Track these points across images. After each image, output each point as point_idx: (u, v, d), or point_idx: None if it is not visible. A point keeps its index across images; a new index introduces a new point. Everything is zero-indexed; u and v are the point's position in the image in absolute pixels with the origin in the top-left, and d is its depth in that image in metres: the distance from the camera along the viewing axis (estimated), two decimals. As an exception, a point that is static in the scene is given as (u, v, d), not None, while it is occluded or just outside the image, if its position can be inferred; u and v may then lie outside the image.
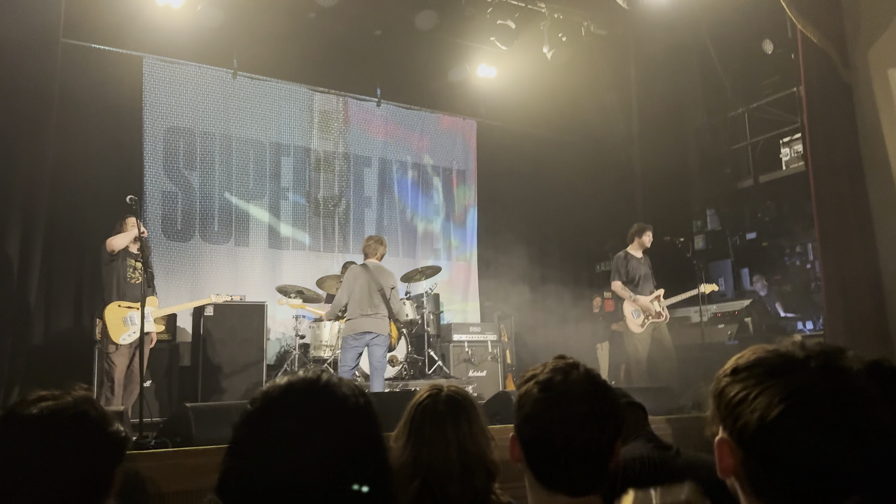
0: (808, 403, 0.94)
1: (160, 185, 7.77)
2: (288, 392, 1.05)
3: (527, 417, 1.35)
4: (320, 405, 1.03)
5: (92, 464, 1.27)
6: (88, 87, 7.28)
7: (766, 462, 0.97)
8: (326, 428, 1.01)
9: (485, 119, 9.96)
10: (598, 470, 1.31)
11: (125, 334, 5.55)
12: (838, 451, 0.92)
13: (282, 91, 8.64)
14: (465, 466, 1.67)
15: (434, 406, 1.76)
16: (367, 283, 6.22)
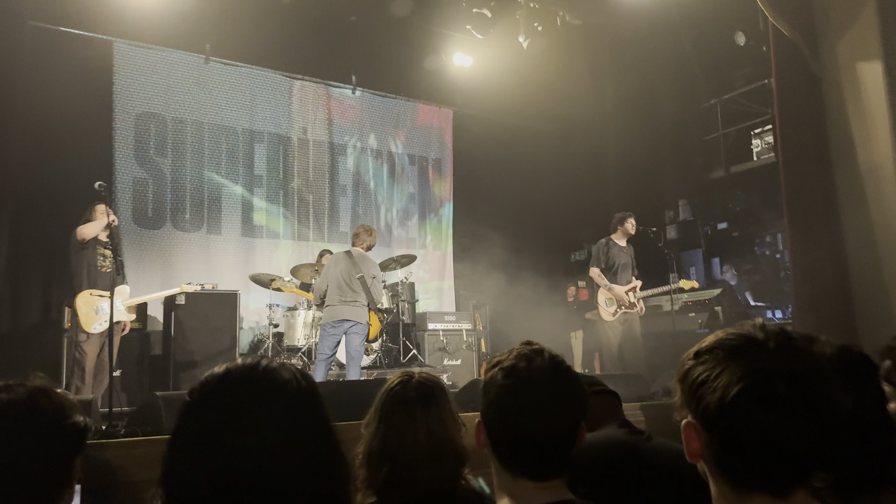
0: (765, 382, 0.97)
1: (131, 172, 7.66)
2: (225, 379, 1.04)
3: (491, 403, 1.36)
4: (259, 391, 1.01)
5: (48, 456, 1.24)
6: (57, 72, 7.14)
7: (728, 442, 0.99)
8: (266, 414, 0.99)
9: (461, 108, 9.95)
10: (562, 455, 1.32)
11: (96, 323, 5.47)
12: (795, 429, 0.95)
13: (255, 77, 8.55)
14: (435, 452, 1.68)
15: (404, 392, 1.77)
16: (348, 270, 6.17)
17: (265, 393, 1.02)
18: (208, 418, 1.00)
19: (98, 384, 5.49)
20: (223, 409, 1.00)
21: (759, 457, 0.97)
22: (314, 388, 1.07)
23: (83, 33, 7.35)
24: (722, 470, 1.01)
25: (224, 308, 6.97)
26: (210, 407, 1.01)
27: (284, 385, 1.04)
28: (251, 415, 0.99)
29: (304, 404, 1.04)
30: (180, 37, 7.87)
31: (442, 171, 9.92)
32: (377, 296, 6.31)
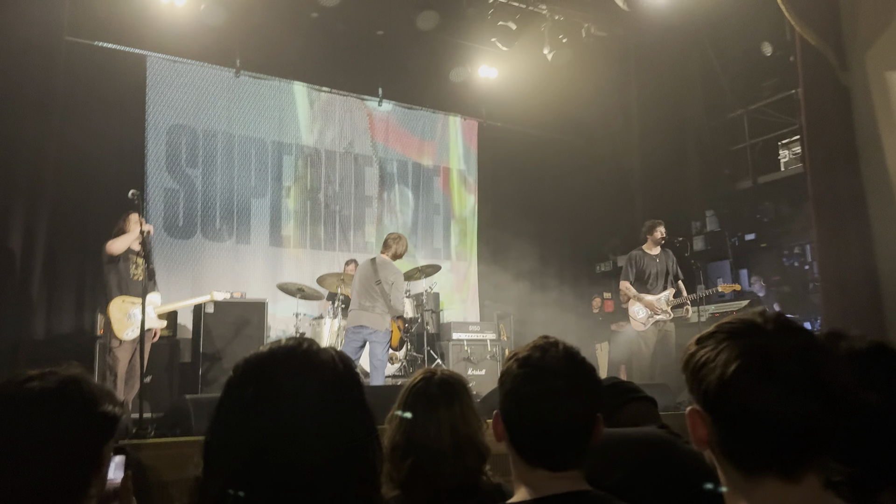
0: (763, 358, 0.97)
1: (162, 183, 7.82)
2: (267, 357, 1.07)
3: (507, 393, 1.38)
4: (298, 369, 1.04)
5: (78, 443, 1.24)
6: (92, 85, 7.34)
7: (731, 423, 0.99)
8: (303, 391, 1.01)
9: (486, 120, 10.00)
10: (578, 445, 1.33)
11: (128, 329, 5.58)
12: (795, 404, 0.95)
13: (284, 90, 8.70)
14: (457, 447, 1.71)
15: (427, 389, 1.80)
16: (368, 277, 6.25)
17: (303, 371, 1.04)
18: (247, 392, 1.03)
19: (129, 390, 5.59)
20: (262, 384, 1.02)
21: (762, 436, 0.96)
22: (353, 372, 1.09)
23: (117, 48, 7.55)
24: (728, 455, 1.01)
25: (252, 316, 7.07)
26: (250, 381, 1.05)
27: (322, 365, 1.06)
28: (288, 391, 1.01)
29: (342, 385, 1.06)
30: (211, 51, 8.05)
31: (467, 182, 9.97)
32: (395, 302, 6.26)
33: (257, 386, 1.03)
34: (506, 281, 9.63)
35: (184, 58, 7.98)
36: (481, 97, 9.78)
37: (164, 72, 7.91)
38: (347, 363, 1.09)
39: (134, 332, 5.56)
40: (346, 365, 1.09)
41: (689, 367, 1.05)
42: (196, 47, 7.91)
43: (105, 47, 7.46)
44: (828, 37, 6.17)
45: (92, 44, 7.34)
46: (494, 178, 10.02)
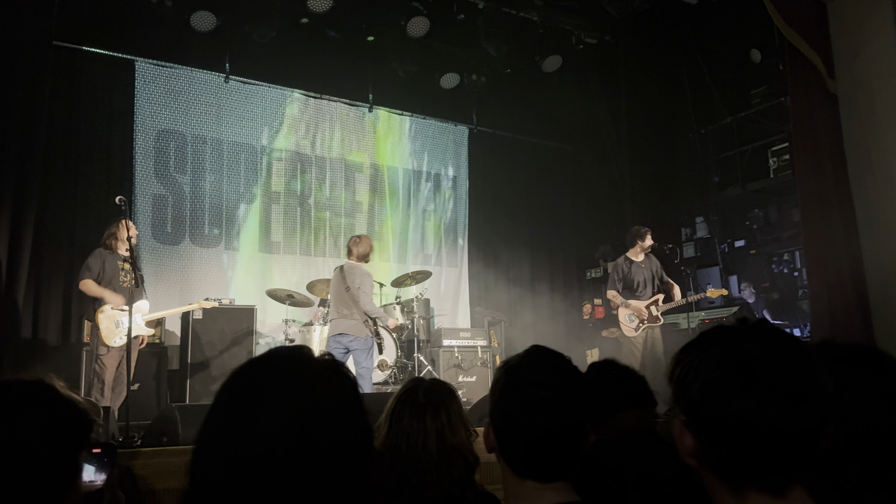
0: (743, 366, 0.95)
1: (151, 188, 7.77)
2: (261, 365, 1.05)
3: (496, 403, 1.37)
4: (293, 376, 1.02)
5: (51, 452, 1.19)
6: (80, 90, 7.31)
7: (714, 434, 0.97)
8: (299, 399, 0.99)
9: (476, 126, 10.01)
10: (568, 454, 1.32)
11: (116, 337, 5.55)
12: (778, 415, 0.92)
13: (274, 95, 8.67)
14: (444, 456, 1.69)
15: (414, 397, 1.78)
16: (338, 284, 6.28)
17: (297, 377, 1.02)
18: (238, 399, 1.01)
19: (116, 397, 5.55)
20: (253, 391, 1.01)
21: (745, 447, 0.94)
22: (349, 377, 1.07)
23: (106, 52, 7.51)
24: (713, 467, 0.99)
25: (241, 323, 7.03)
26: (241, 388, 1.03)
27: (317, 372, 1.03)
28: (280, 398, 0.99)
29: (337, 392, 1.04)
30: (200, 56, 8.03)
31: (458, 188, 9.97)
32: (364, 305, 6.15)
33: (248, 394, 1.00)
34: (497, 287, 9.62)
35: (173, 63, 7.94)
36: (472, 103, 9.79)
37: (153, 77, 7.87)
38: (342, 368, 1.07)
39: (122, 339, 5.52)
40: (341, 370, 1.07)
41: (674, 378, 1.04)
42: (185, 53, 7.89)
43: (93, 52, 7.42)
44: (816, 45, 6.22)
45: (80, 48, 7.30)
46: (485, 185, 10.03)
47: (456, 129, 9.99)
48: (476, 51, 8.68)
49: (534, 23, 8.50)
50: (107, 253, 5.72)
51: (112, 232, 5.77)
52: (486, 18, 8.24)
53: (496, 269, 9.64)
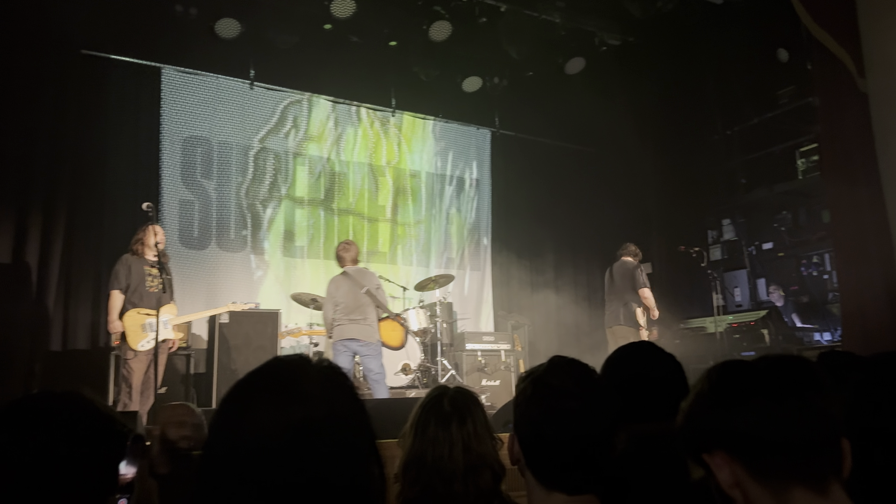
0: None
1: (177, 194, 7.86)
2: (253, 375, 1.05)
3: (521, 414, 1.36)
4: (281, 384, 1.01)
5: (95, 463, 1.23)
6: (107, 98, 7.42)
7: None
8: (289, 405, 0.97)
9: (498, 129, 9.99)
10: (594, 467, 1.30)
11: (143, 341, 5.60)
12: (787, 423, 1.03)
13: (298, 101, 8.73)
14: (470, 466, 1.67)
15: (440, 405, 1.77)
16: (351, 289, 6.20)
17: (283, 383, 1.01)
18: (229, 409, 1.01)
19: (145, 401, 5.61)
20: (240, 400, 1.01)
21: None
22: (341, 380, 1.05)
23: (132, 60, 7.62)
24: (753, 471, 1.05)
25: (266, 327, 7.07)
26: (232, 397, 1.03)
27: (306, 375, 1.02)
28: (265, 404, 0.98)
29: (329, 397, 1.01)
30: (225, 63, 8.11)
31: (480, 191, 9.95)
32: (386, 303, 6.29)
33: (240, 408, 1.00)
34: (520, 290, 9.59)
35: (198, 70, 8.03)
36: (494, 106, 9.78)
37: (179, 84, 7.97)
38: (341, 377, 1.05)
39: (149, 344, 5.58)
40: (339, 379, 1.04)
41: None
42: (210, 60, 7.97)
43: (120, 60, 7.53)
44: (845, 42, 6.11)
45: (107, 57, 7.41)
46: (508, 188, 10.00)
47: (478, 132, 9.98)
48: (498, 54, 8.66)
49: (556, 25, 8.45)
50: (133, 259, 5.79)
51: (139, 237, 5.85)
52: (507, 21, 8.22)
53: (519, 272, 9.60)
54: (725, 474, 1.05)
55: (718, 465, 1.05)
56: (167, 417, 3.33)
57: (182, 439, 3.27)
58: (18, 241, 6.53)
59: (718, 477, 1.05)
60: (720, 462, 1.05)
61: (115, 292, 5.67)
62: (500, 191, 10.01)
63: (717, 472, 1.05)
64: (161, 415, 3.38)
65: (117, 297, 5.66)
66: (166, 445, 3.22)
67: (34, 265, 6.58)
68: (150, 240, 5.66)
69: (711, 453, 1.06)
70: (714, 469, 1.06)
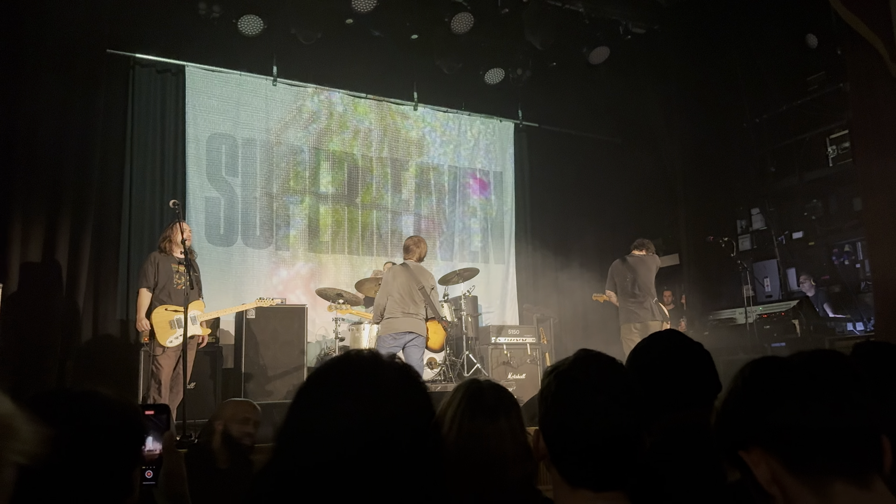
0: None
1: (203, 191, 7.93)
2: (340, 359, 1.08)
3: (547, 410, 1.34)
4: (367, 372, 1.04)
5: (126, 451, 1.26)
6: (133, 96, 7.51)
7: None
8: (371, 392, 1.01)
9: (522, 121, 9.93)
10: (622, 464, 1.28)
11: (172, 337, 5.66)
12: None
13: (320, 97, 8.76)
14: (517, 457, 1.67)
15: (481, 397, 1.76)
16: (408, 282, 6.17)
17: (372, 374, 1.04)
18: (310, 401, 1.04)
19: (174, 396, 5.67)
20: (323, 392, 1.04)
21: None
22: (415, 376, 1.08)
23: (157, 59, 7.70)
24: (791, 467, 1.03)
25: (292, 322, 7.12)
26: (313, 389, 1.06)
27: (385, 370, 1.05)
28: (357, 391, 1.01)
29: (407, 392, 1.06)
30: (248, 60, 8.16)
31: (504, 183, 9.91)
32: (438, 306, 6.34)
33: (323, 401, 1.03)
34: (545, 283, 9.53)
35: (222, 67, 8.09)
36: (517, 98, 9.72)
37: (203, 81, 8.03)
38: (414, 373, 1.09)
39: (177, 340, 5.64)
40: (412, 374, 1.08)
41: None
42: (234, 57, 8.03)
43: (145, 59, 7.61)
44: (877, 27, 5.96)
45: (133, 55, 7.49)
46: (532, 180, 9.95)
47: (501, 124, 9.93)
48: (521, 45, 8.60)
49: (579, 14, 8.36)
50: (161, 256, 5.85)
51: (167, 235, 5.91)
52: (530, 12, 8.15)
53: (544, 264, 9.55)
54: (763, 471, 1.03)
55: (755, 461, 1.04)
56: (231, 414, 3.35)
57: (245, 436, 3.29)
58: (48, 239, 6.64)
59: (756, 473, 1.04)
60: (757, 459, 1.04)
61: (144, 290, 5.73)
62: (523, 183, 9.96)
63: (754, 469, 1.04)
64: (225, 410, 3.41)
65: (145, 294, 5.72)
66: (228, 441, 3.25)
67: (64, 263, 6.68)
68: (178, 237, 5.71)
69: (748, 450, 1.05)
70: (751, 466, 1.04)
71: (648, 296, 7.27)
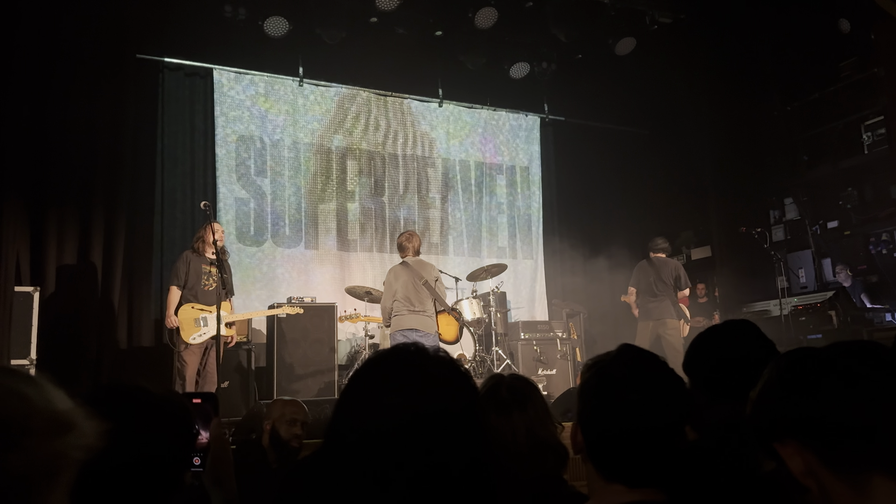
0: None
1: (233, 193, 8.01)
2: (388, 352, 1.09)
3: (586, 404, 1.34)
4: (418, 365, 1.04)
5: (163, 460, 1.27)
6: (162, 100, 7.62)
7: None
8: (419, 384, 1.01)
9: (548, 115, 9.87)
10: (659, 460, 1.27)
11: (196, 334, 5.77)
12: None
13: (346, 96, 8.79)
14: (534, 450, 1.66)
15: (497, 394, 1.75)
16: (411, 279, 6.19)
17: (418, 366, 1.04)
18: (367, 385, 1.05)
19: (203, 393, 5.74)
20: (379, 377, 1.04)
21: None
22: (463, 371, 1.08)
23: (185, 62, 7.79)
24: (832, 465, 1.00)
25: (323, 320, 7.17)
26: (361, 383, 1.06)
27: (435, 365, 1.05)
28: (404, 383, 1.01)
29: (458, 385, 1.05)
30: (274, 62, 8.23)
31: (531, 178, 9.86)
32: (445, 297, 6.33)
33: (373, 395, 1.03)
34: (574, 278, 9.47)
35: (248, 69, 8.16)
36: (543, 92, 9.66)
37: (231, 84, 8.11)
38: (461, 366, 1.09)
39: (201, 337, 5.76)
40: (460, 368, 1.08)
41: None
42: (260, 58, 8.10)
43: (173, 63, 7.71)
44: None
45: (161, 60, 7.60)
46: (559, 174, 9.89)
47: (527, 119, 9.88)
48: (546, 38, 8.54)
49: (604, 5, 8.27)
50: (193, 256, 5.95)
51: (199, 235, 6.01)
52: (555, 4, 8.09)
53: (573, 259, 9.48)
54: (797, 463, 1.01)
55: (789, 454, 1.01)
56: (279, 414, 3.38)
57: (293, 438, 3.32)
58: (83, 242, 6.78)
59: (790, 466, 1.01)
60: (791, 451, 1.01)
61: (173, 288, 5.85)
62: (550, 177, 9.90)
63: (788, 462, 1.01)
64: (273, 410, 3.44)
65: (175, 292, 5.83)
66: (276, 441, 3.28)
67: (99, 265, 6.82)
68: (210, 237, 5.80)
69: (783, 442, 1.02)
70: (785, 458, 1.02)
71: (666, 296, 7.49)
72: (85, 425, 0.84)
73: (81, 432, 0.83)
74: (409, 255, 6.36)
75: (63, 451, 0.81)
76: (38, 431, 0.78)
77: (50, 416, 0.80)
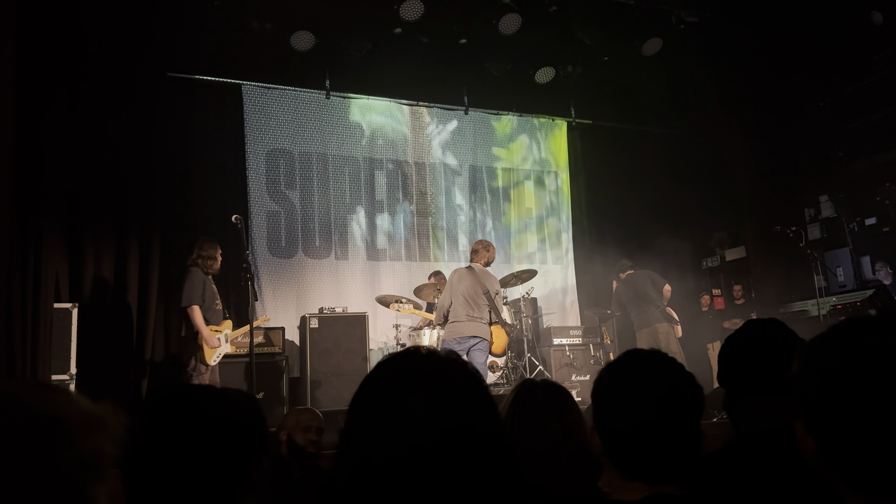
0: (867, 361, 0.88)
1: (264, 206, 8.12)
2: (401, 354, 1.07)
3: (601, 404, 1.36)
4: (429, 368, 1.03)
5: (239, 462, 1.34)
6: (193, 117, 7.75)
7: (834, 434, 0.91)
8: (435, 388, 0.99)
9: (574, 118, 9.82)
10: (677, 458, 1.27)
11: (215, 355, 5.85)
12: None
13: (372, 107, 8.86)
14: (572, 455, 1.65)
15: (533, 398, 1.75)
16: (473, 286, 6.14)
17: (435, 370, 1.03)
18: (374, 398, 1.03)
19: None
20: (387, 380, 1.03)
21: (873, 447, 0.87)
22: (474, 371, 1.07)
23: (214, 79, 7.92)
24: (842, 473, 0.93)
25: (354, 330, 7.22)
26: (375, 386, 1.05)
27: (454, 366, 1.04)
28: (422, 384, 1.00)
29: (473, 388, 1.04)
30: (301, 75, 8.33)
31: (559, 183, 9.81)
32: (503, 312, 6.33)
33: (388, 398, 1.01)
34: (605, 282, 9.38)
35: (276, 84, 8.27)
36: (569, 96, 9.61)
37: (260, 99, 8.23)
38: (471, 367, 1.07)
39: (219, 357, 5.89)
40: (469, 369, 1.06)
41: (793, 377, 0.98)
42: (287, 73, 8.21)
43: (203, 80, 7.85)
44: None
45: (191, 77, 7.74)
46: (588, 177, 9.82)
47: (554, 123, 9.84)
48: (571, 42, 8.50)
49: (630, 6, 8.21)
50: (206, 277, 5.96)
51: (209, 255, 5.93)
52: (579, 7, 8.05)
53: (604, 263, 9.39)
54: (807, 444, 0.96)
55: (801, 435, 0.98)
56: (294, 423, 3.42)
57: (309, 444, 3.35)
58: (119, 257, 6.92)
59: (803, 447, 0.98)
60: (801, 432, 0.97)
61: (197, 308, 5.77)
62: (578, 181, 9.84)
63: (801, 443, 0.98)
64: (287, 420, 3.48)
65: (199, 312, 5.80)
66: (293, 450, 3.31)
67: (135, 282, 6.94)
68: (219, 257, 5.92)
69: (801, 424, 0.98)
70: (800, 440, 0.98)
71: (647, 304, 7.83)
72: (113, 421, 0.88)
73: (114, 427, 0.87)
74: (480, 262, 6.34)
75: (101, 446, 0.85)
76: (81, 428, 0.82)
77: (85, 414, 0.85)
